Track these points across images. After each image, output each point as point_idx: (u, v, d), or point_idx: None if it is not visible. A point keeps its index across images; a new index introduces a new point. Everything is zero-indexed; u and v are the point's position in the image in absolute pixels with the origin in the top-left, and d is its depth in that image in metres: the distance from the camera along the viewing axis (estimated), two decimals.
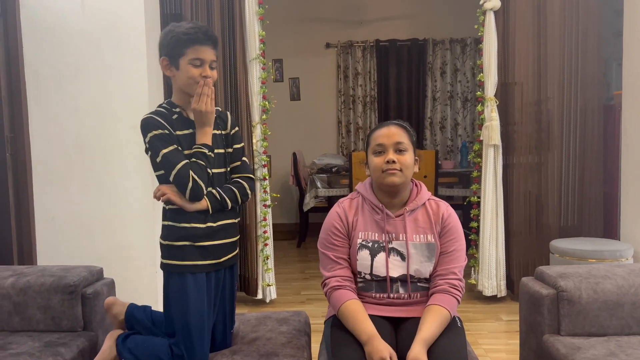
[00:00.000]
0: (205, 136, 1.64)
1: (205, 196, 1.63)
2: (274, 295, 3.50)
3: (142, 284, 3.12)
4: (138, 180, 3.08)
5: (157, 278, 3.15)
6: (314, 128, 6.10)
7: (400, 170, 1.64)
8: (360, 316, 1.58)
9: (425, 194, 1.73)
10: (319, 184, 4.87)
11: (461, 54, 6.03)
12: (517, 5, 3.39)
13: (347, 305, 1.62)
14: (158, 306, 3.14)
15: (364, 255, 1.67)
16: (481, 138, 3.44)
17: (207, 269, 1.67)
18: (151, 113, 1.66)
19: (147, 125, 1.63)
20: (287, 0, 5.83)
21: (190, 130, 1.66)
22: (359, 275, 1.69)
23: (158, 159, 1.62)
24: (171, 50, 1.64)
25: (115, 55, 3.02)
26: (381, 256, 1.66)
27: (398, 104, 6.11)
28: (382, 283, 1.67)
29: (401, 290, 1.67)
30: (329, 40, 6.03)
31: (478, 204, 3.49)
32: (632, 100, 3.18)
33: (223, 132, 1.74)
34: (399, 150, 1.65)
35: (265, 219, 3.45)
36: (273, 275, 3.50)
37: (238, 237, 1.78)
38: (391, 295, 1.67)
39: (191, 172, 1.59)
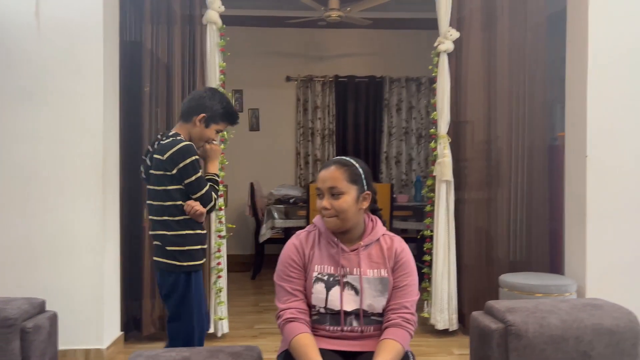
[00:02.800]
0: (216, 168, 2.31)
1: None
2: (226, 330, 3.41)
3: (86, 317, 2.99)
4: (87, 211, 2.99)
5: (103, 310, 3.03)
6: (273, 159, 6.12)
7: (336, 215, 1.66)
8: (309, 351, 1.57)
9: (380, 229, 1.76)
10: (275, 215, 4.86)
11: (416, 92, 6.24)
12: (470, 48, 3.56)
13: (298, 339, 1.61)
14: (103, 341, 3.01)
15: (319, 289, 1.67)
16: (434, 174, 3.54)
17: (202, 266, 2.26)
18: (187, 141, 2.14)
19: (190, 150, 2.11)
20: (249, 34, 5.91)
21: None
22: (313, 309, 1.69)
23: (192, 179, 2.10)
24: (212, 114, 2.21)
25: (70, 82, 2.96)
26: (336, 290, 1.67)
27: (355, 138, 6.23)
28: (336, 316, 1.67)
29: (355, 324, 1.67)
30: (290, 73, 6.13)
31: (431, 237, 3.56)
32: (574, 142, 3.36)
33: None
34: (334, 195, 1.67)
35: (219, 251, 3.40)
36: (226, 308, 3.42)
37: None
38: (345, 328, 1.67)
39: (213, 194, 2.17)
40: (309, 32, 6.03)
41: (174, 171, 2.08)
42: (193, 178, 2.09)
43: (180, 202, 2.10)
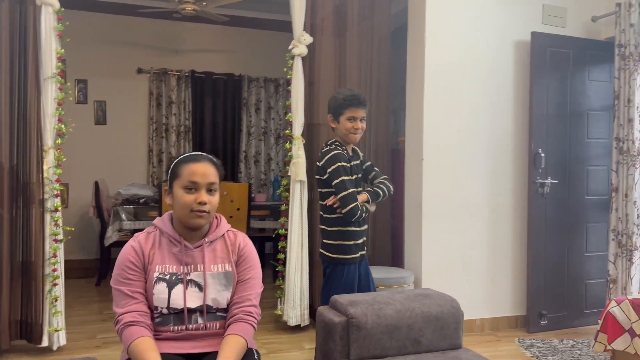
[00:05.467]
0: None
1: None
2: (63, 342, 3.12)
3: None
4: None
5: None
6: (121, 156, 5.72)
7: (208, 212, 1.64)
8: (149, 355, 1.51)
9: (225, 226, 1.76)
10: (123, 216, 4.56)
11: (274, 93, 6.32)
12: (322, 53, 3.71)
13: (137, 343, 1.53)
14: None
15: (160, 289, 1.61)
16: (289, 174, 3.62)
17: (359, 259, 2.54)
18: (338, 149, 2.47)
19: (335, 158, 2.43)
20: (95, 20, 5.46)
21: (353, 163, 2.53)
22: (155, 311, 1.63)
23: (335, 182, 2.42)
24: (334, 110, 2.51)
25: None
26: (179, 288, 1.63)
27: (213, 136, 6.12)
28: (180, 315, 1.63)
29: (199, 321, 1.65)
30: (141, 65, 5.79)
31: (286, 236, 3.64)
32: (412, 146, 3.69)
33: (357, 162, 2.60)
34: (210, 191, 1.65)
35: (55, 256, 3.08)
36: (63, 318, 3.13)
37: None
38: (189, 326, 1.64)
39: (349, 200, 2.40)
40: (162, 24, 5.75)
41: (325, 176, 2.45)
42: (336, 182, 2.42)
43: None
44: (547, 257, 3.75)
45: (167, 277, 1.63)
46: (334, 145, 2.50)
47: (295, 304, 3.53)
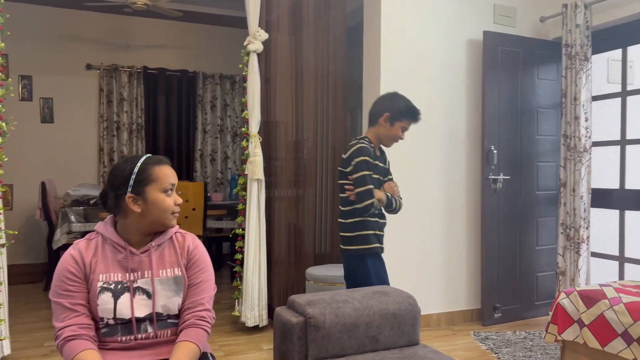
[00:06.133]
0: (382, 195, 2.51)
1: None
2: (7, 351, 2.95)
3: None
4: None
5: None
6: (70, 155, 5.49)
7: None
8: None
9: (173, 228, 1.70)
10: (72, 218, 4.38)
11: (230, 90, 6.23)
12: (278, 50, 3.66)
13: (79, 357, 1.45)
14: None
15: (105, 299, 1.53)
16: (246, 172, 3.56)
17: (379, 250, 2.55)
18: (365, 144, 2.48)
19: (363, 151, 2.44)
20: (39, 14, 5.20)
21: (377, 162, 2.52)
22: (101, 322, 1.55)
23: (356, 175, 2.43)
24: (397, 113, 2.50)
25: None
26: (125, 297, 1.55)
27: (167, 134, 5.97)
28: (128, 325, 1.56)
29: (149, 330, 1.58)
30: (91, 61, 5.57)
31: (243, 236, 3.58)
32: None
33: (382, 165, 2.60)
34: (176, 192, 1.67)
35: None
36: (7, 327, 2.96)
37: None
38: (138, 336, 1.56)
39: (366, 196, 2.41)
40: (112, 18, 5.56)
41: (349, 168, 2.45)
42: (357, 175, 2.42)
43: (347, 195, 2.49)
44: (500, 252, 3.85)
45: (112, 286, 1.55)
46: (362, 140, 2.52)
47: (253, 304, 3.48)
